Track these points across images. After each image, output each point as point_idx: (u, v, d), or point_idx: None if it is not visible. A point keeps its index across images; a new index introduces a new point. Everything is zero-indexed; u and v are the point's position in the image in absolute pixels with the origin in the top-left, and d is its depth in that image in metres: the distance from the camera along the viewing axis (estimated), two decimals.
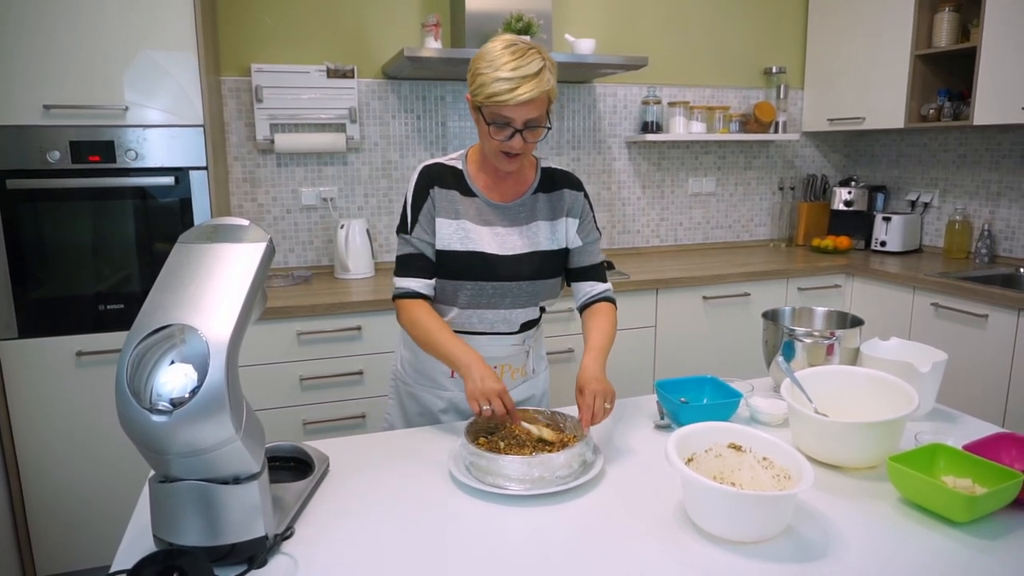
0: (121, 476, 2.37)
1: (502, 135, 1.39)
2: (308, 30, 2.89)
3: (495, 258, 1.49)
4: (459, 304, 1.52)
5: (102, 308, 2.32)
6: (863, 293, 3.13)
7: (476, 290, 1.50)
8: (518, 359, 1.62)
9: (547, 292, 1.57)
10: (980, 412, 2.47)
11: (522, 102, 1.33)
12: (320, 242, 3.04)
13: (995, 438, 1.28)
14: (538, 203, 1.55)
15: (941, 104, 3.08)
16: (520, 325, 1.58)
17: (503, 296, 1.52)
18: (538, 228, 1.54)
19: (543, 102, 1.37)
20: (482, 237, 1.50)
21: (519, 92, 1.32)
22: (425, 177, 1.51)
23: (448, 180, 1.51)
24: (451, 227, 1.49)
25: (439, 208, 1.50)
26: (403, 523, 1.13)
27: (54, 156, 2.20)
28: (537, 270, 1.53)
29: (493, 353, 1.57)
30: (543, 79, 1.34)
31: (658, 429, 1.50)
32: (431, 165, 1.53)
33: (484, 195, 1.52)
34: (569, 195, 1.57)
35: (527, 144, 1.40)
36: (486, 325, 1.55)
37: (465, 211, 1.50)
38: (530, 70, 1.32)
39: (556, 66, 1.40)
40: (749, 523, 1.04)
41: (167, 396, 0.93)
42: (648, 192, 3.52)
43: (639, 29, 3.36)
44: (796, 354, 1.62)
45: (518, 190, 1.55)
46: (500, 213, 1.52)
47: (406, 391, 1.67)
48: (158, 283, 1.01)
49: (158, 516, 1.00)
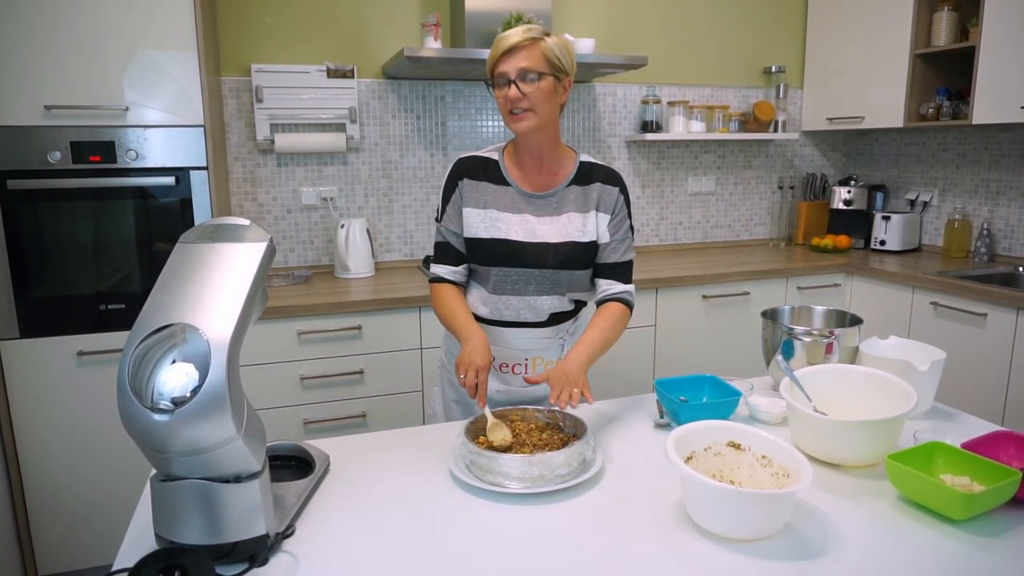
0: (122, 475, 2.38)
1: (503, 93, 1.46)
2: (308, 30, 2.89)
3: (520, 245, 1.55)
4: (488, 288, 1.60)
5: (103, 308, 2.32)
6: (862, 292, 3.13)
7: (501, 276, 1.57)
8: (551, 352, 1.64)
9: (575, 283, 1.60)
10: (979, 411, 2.47)
11: (506, 49, 1.43)
12: (320, 242, 3.04)
13: (993, 436, 1.28)
14: (570, 195, 1.58)
15: (940, 103, 3.09)
16: (548, 316, 1.60)
17: (527, 283, 1.57)
18: (570, 219, 1.57)
19: (536, 56, 1.44)
20: (510, 225, 1.55)
21: (504, 42, 1.44)
22: (456, 169, 1.60)
23: (479, 171, 1.59)
24: (479, 216, 1.57)
25: (466, 199, 1.58)
26: (403, 521, 1.13)
27: (55, 156, 2.20)
28: (563, 260, 1.55)
29: (522, 345, 1.62)
30: (532, 31, 1.44)
31: (657, 428, 1.50)
32: (464, 158, 1.61)
33: (517, 184, 1.57)
34: (602, 189, 1.59)
35: (526, 97, 1.45)
36: (512, 313, 1.59)
37: (495, 200, 1.57)
38: (518, 29, 1.45)
39: (565, 45, 1.48)
40: (748, 521, 1.04)
41: (168, 395, 0.93)
42: (648, 191, 3.52)
43: (639, 29, 3.36)
44: (795, 353, 1.62)
45: (553, 181, 1.58)
46: (532, 203, 1.57)
47: (447, 378, 1.75)
48: (159, 283, 1.01)
49: (159, 515, 1.00)
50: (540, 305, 1.59)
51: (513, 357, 1.63)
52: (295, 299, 2.48)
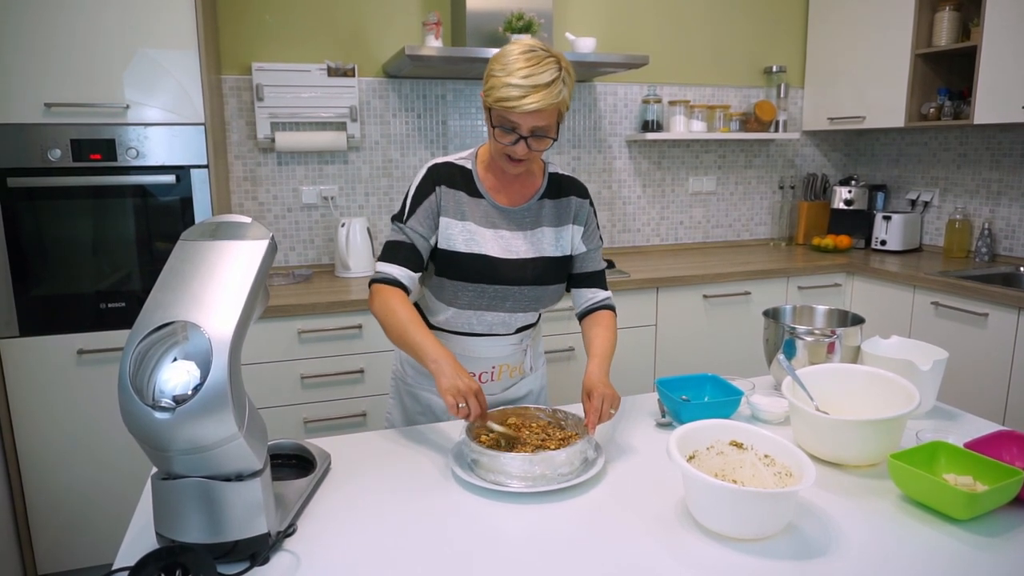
0: (122, 474, 2.37)
1: (508, 139, 1.38)
2: (309, 29, 2.89)
3: (499, 261, 1.48)
4: (458, 305, 1.51)
5: (103, 306, 2.32)
6: (863, 292, 3.13)
7: (478, 292, 1.49)
8: (515, 358, 1.62)
9: (548, 298, 1.56)
10: (981, 410, 2.47)
11: (528, 111, 1.32)
12: (321, 241, 3.04)
13: (996, 436, 1.28)
14: (544, 209, 1.54)
15: (941, 103, 3.08)
16: (516, 328, 1.58)
17: (504, 299, 1.51)
18: (543, 234, 1.53)
19: (552, 113, 1.36)
20: (486, 240, 1.49)
21: (526, 101, 1.31)
22: (433, 174, 1.49)
23: (456, 180, 1.50)
24: (457, 228, 1.48)
25: (445, 207, 1.48)
26: (405, 520, 1.13)
27: (55, 154, 2.20)
28: (540, 276, 1.52)
29: (490, 354, 1.58)
30: (553, 91, 1.32)
31: (659, 427, 1.50)
32: (440, 164, 1.51)
33: (491, 197, 1.51)
34: (576, 202, 1.57)
35: (531, 152, 1.40)
36: (484, 327, 1.54)
37: (471, 213, 1.49)
38: (541, 80, 1.31)
39: (573, 77, 1.38)
40: (751, 520, 1.04)
41: (170, 393, 0.93)
42: (648, 191, 3.52)
43: (640, 28, 3.36)
44: (797, 352, 1.62)
45: (525, 194, 1.54)
46: (506, 217, 1.51)
47: (407, 390, 1.67)
48: (160, 280, 1.01)
49: (160, 513, 1.00)
50: (513, 321, 1.55)
51: (480, 366, 1.58)
52: (295, 298, 2.47)
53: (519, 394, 1.67)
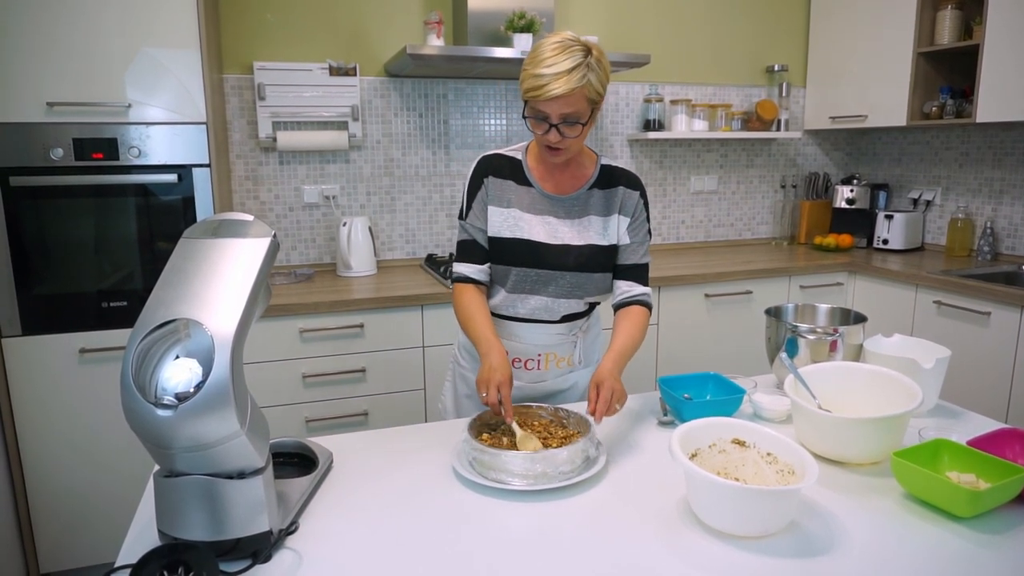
0: (124, 473, 2.37)
1: (540, 128, 1.43)
2: (310, 28, 2.89)
3: (542, 246, 1.54)
4: (506, 288, 1.59)
5: (105, 305, 2.32)
6: (865, 291, 3.12)
7: (521, 275, 1.56)
8: (564, 348, 1.65)
9: (593, 286, 1.59)
10: (982, 409, 2.46)
11: (551, 98, 1.36)
12: (322, 240, 3.04)
13: (999, 434, 1.28)
14: (592, 198, 1.58)
15: (943, 102, 3.08)
16: (561, 316, 1.60)
17: (546, 284, 1.56)
18: (590, 222, 1.57)
19: (579, 99, 1.38)
20: (532, 226, 1.54)
21: (548, 88, 1.35)
22: (482, 166, 1.58)
23: (504, 170, 1.57)
24: (502, 215, 1.55)
25: (492, 196, 1.56)
26: (406, 518, 1.13)
27: (57, 153, 2.20)
28: (584, 263, 1.55)
29: (536, 340, 1.62)
30: (575, 76, 1.35)
31: (661, 425, 1.50)
32: (490, 155, 1.60)
33: (540, 186, 1.56)
34: (624, 192, 1.59)
35: (565, 139, 1.43)
36: (528, 311, 1.59)
37: (518, 200, 1.56)
38: (563, 67, 1.34)
39: (606, 65, 1.42)
40: (753, 518, 1.04)
41: (172, 391, 0.93)
42: (650, 190, 3.52)
43: (641, 27, 3.36)
44: (799, 350, 1.62)
45: (575, 184, 1.58)
46: (554, 204, 1.56)
47: (460, 373, 1.76)
48: (162, 278, 1.01)
49: (162, 511, 1.00)
50: (556, 307, 1.59)
51: (527, 352, 1.63)
52: (297, 297, 2.47)
53: (566, 386, 1.69)
